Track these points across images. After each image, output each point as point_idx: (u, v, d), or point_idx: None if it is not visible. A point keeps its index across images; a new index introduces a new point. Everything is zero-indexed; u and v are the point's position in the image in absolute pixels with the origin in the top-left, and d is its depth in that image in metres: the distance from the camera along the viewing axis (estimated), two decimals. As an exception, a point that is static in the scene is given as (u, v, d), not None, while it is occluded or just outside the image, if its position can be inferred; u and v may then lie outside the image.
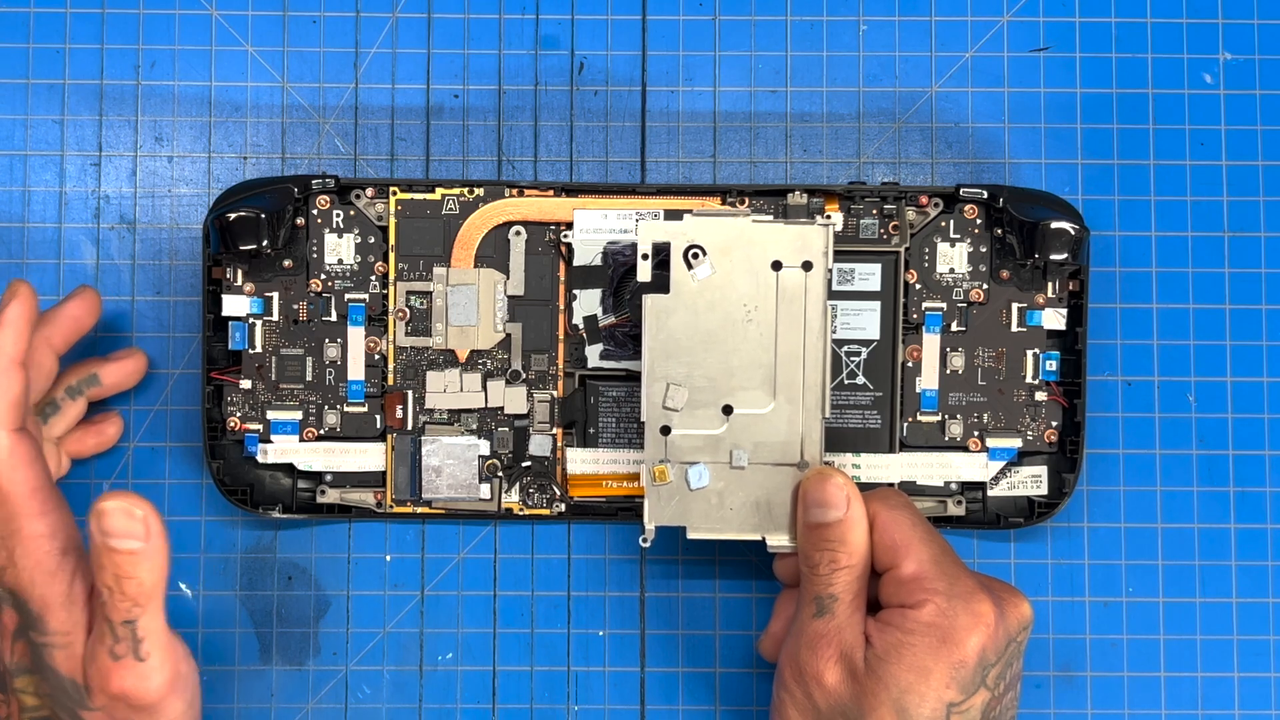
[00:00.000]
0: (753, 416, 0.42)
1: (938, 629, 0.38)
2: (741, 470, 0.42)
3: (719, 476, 0.42)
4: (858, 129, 0.48)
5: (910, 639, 0.38)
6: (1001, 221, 0.46)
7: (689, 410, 0.42)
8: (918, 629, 0.38)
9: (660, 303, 0.42)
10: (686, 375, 0.42)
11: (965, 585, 0.39)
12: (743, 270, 0.42)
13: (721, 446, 0.42)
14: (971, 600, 0.38)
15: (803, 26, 0.49)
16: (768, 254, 0.42)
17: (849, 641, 0.39)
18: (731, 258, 0.42)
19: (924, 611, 0.38)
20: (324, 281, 0.46)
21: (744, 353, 0.42)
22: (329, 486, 0.47)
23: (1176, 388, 0.48)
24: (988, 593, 0.39)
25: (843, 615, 0.39)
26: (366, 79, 0.48)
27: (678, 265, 0.42)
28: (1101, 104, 0.48)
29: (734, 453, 0.42)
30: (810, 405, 0.42)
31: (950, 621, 0.38)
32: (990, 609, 0.38)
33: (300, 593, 0.48)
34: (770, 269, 0.42)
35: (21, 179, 0.48)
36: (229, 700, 0.47)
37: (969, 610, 0.38)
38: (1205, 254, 0.48)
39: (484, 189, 0.46)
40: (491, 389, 0.46)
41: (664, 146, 0.48)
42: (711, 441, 0.42)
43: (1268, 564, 0.48)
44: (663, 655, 0.48)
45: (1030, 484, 0.47)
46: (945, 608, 0.38)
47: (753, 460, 0.42)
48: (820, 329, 0.42)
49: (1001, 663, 0.39)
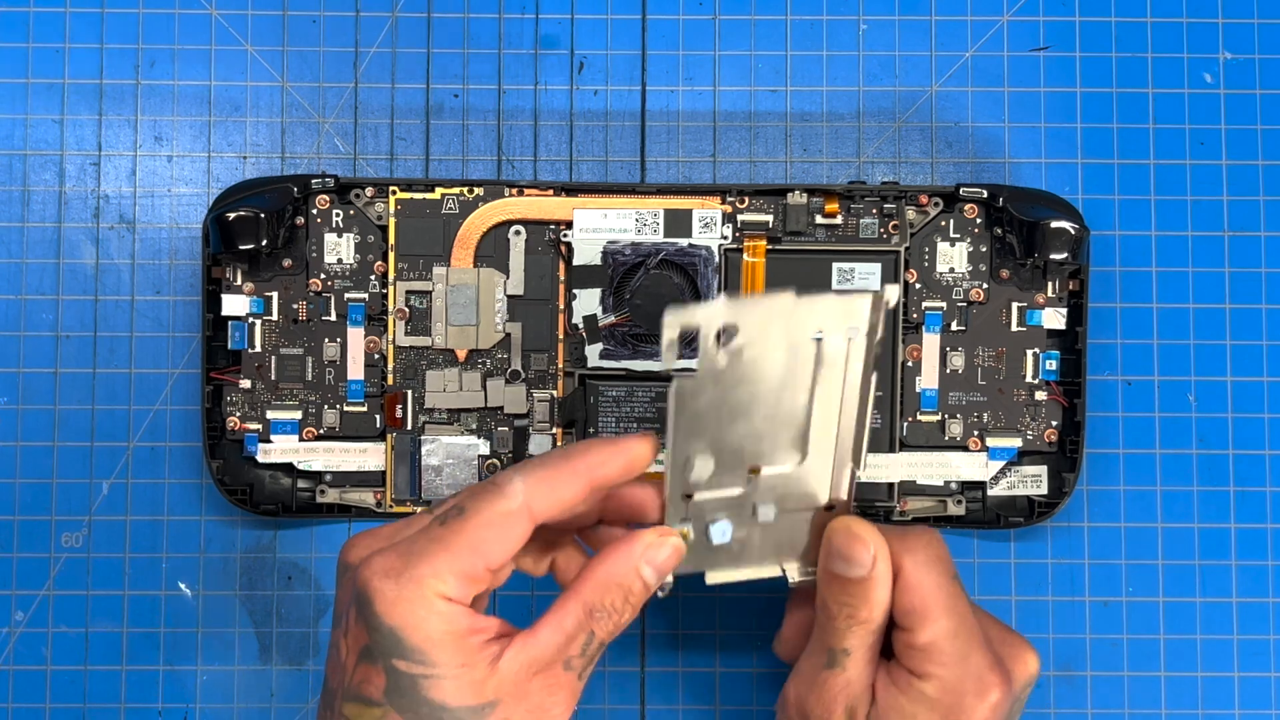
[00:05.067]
0: (780, 474, 0.38)
1: (941, 706, 0.37)
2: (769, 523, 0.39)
3: (740, 526, 0.39)
4: (858, 128, 0.48)
5: (913, 709, 0.37)
6: (1001, 221, 0.46)
7: (715, 476, 0.38)
8: (921, 700, 0.37)
9: (686, 386, 0.36)
10: (712, 448, 0.38)
11: (976, 662, 0.37)
12: (779, 343, 0.37)
13: (745, 504, 0.39)
14: (981, 679, 0.37)
15: (803, 26, 0.49)
16: (808, 326, 0.37)
17: (856, 695, 0.38)
18: (768, 333, 0.37)
19: (929, 686, 0.37)
20: (323, 281, 0.46)
21: (775, 419, 0.38)
22: (329, 486, 0.47)
23: (1176, 387, 0.48)
24: (998, 669, 0.37)
25: (853, 670, 0.38)
26: (366, 78, 0.48)
27: (706, 348, 0.36)
28: (1101, 104, 0.48)
29: (759, 509, 0.39)
30: (841, 449, 0.38)
31: (956, 699, 0.37)
32: (998, 689, 0.37)
33: (300, 593, 0.48)
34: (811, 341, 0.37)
35: (21, 179, 0.48)
36: (229, 700, 0.47)
37: (976, 690, 0.37)
38: (1205, 254, 0.48)
39: (484, 188, 0.46)
40: (491, 388, 0.46)
41: (664, 146, 0.48)
42: (735, 501, 0.39)
43: (1268, 564, 0.48)
44: (663, 655, 0.48)
45: (1030, 484, 0.47)
46: (952, 685, 0.37)
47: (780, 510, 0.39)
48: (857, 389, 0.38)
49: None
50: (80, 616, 0.47)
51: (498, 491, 0.35)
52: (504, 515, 0.35)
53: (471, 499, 0.35)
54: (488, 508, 0.35)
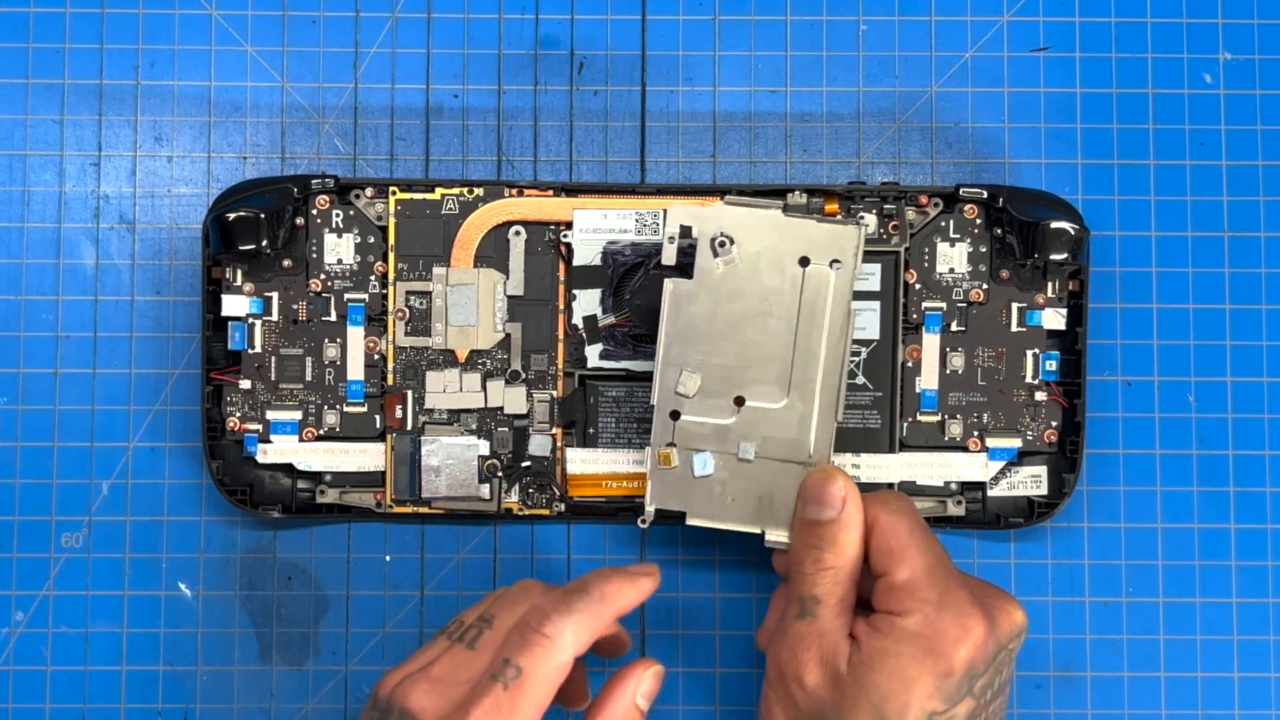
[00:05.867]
0: (764, 411, 0.42)
1: (924, 639, 0.38)
2: (747, 463, 0.42)
3: (724, 467, 0.42)
4: (858, 129, 0.48)
5: (896, 647, 0.38)
6: (1001, 221, 0.46)
7: (701, 398, 0.42)
8: (904, 638, 0.38)
9: (682, 288, 0.42)
10: (702, 362, 0.42)
11: (956, 596, 0.38)
12: (769, 262, 0.41)
13: (730, 437, 0.42)
14: (961, 612, 0.38)
15: (803, 26, 0.49)
16: (796, 249, 0.41)
17: (830, 645, 0.39)
18: (759, 249, 0.41)
19: (911, 621, 0.38)
20: (323, 281, 0.46)
21: (762, 346, 0.42)
22: (329, 486, 0.47)
23: (1176, 388, 0.48)
24: (979, 605, 0.38)
25: (825, 619, 0.39)
26: (366, 79, 0.48)
27: (704, 251, 0.41)
28: (1101, 104, 0.48)
29: (741, 444, 0.42)
30: (824, 406, 0.42)
31: (938, 633, 0.38)
32: (980, 622, 0.38)
33: (300, 593, 0.48)
34: (798, 264, 0.41)
35: (21, 179, 0.48)
36: (229, 700, 0.47)
37: (958, 623, 0.38)
38: (1205, 254, 0.48)
39: (484, 189, 0.46)
40: (491, 389, 0.46)
41: (664, 146, 0.48)
42: (720, 431, 0.42)
43: (1268, 564, 0.48)
44: (663, 655, 0.48)
45: (1030, 484, 0.47)
46: (933, 618, 0.38)
47: (759, 454, 0.42)
48: (842, 329, 0.41)
49: (990, 671, 0.38)
50: (80, 616, 0.47)
51: (550, 645, 0.37)
52: (559, 670, 0.37)
53: (525, 654, 0.37)
54: (542, 665, 0.37)
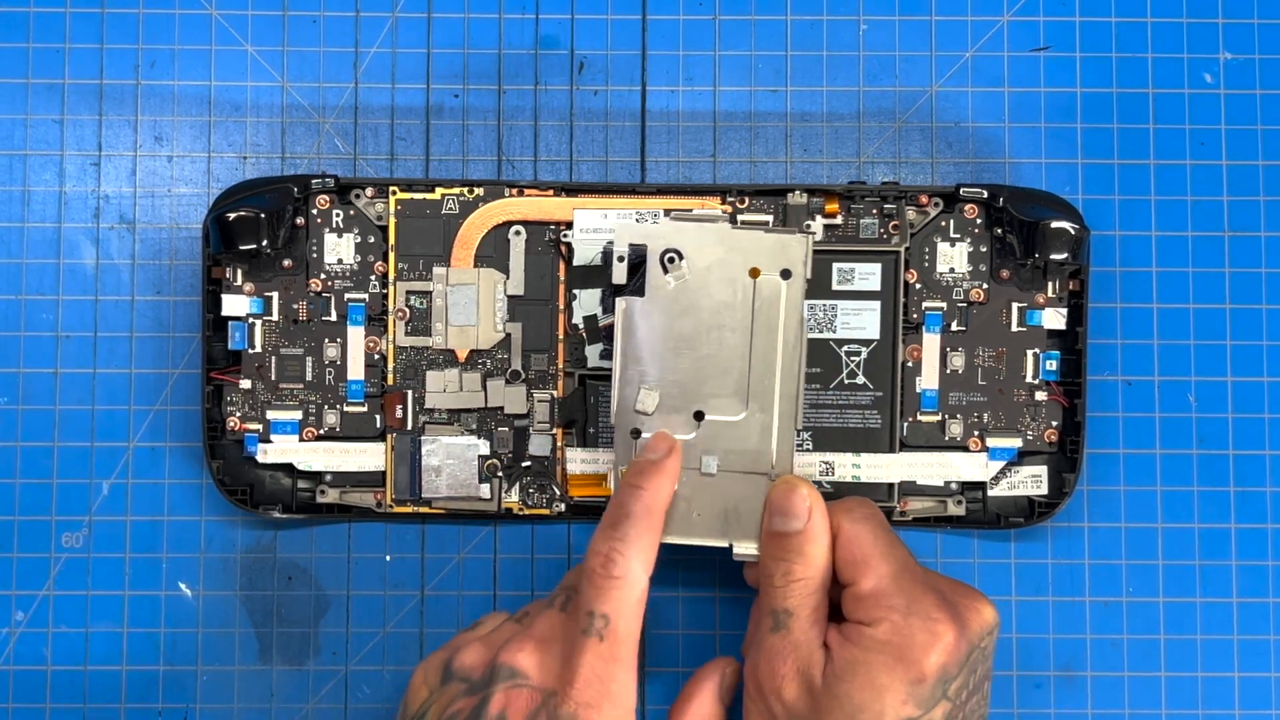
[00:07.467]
0: (724, 424, 0.41)
1: (893, 648, 0.37)
2: (711, 477, 0.41)
3: (688, 482, 0.41)
4: (858, 129, 0.48)
5: (867, 657, 0.38)
6: (1001, 221, 0.46)
7: (660, 414, 0.41)
8: (874, 647, 0.38)
9: (634, 305, 0.41)
10: (658, 379, 0.41)
11: (924, 602, 0.38)
12: (720, 276, 0.41)
13: (692, 452, 0.41)
14: (929, 618, 0.38)
15: (803, 26, 0.49)
16: (746, 260, 0.41)
17: (805, 657, 0.39)
18: (709, 262, 0.41)
19: (880, 630, 0.38)
20: (324, 281, 0.46)
21: (717, 359, 0.41)
22: (329, 486, 0.47)
23: (1176, 388, 0.48)
24: (947, 607, 0.38)
25: (799, 631, 0.39)
26: (366, 79, 0.48)
27: (654, 268, 0.41)
28: (1101, 104, 0.48)
29: (703, 459, 0.41)
30: (784, 415, 0.41)
31: (907, 640, 0.37)
32: (949, 626, 0.38)
33: (300, 593, 0.48)
34: (748, 276, 0.41)
35: (21, 179, 0.48)
36: (229, 700, 0.47)
37: (926, 628, 0.38)
38: (1205, 254, 0.48)
39: (484, 189, 0.46)
40: (491, 389, 0.46)
41: (664, 146, 0.48)
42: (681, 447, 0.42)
43: (1268, 564, 0.48)
44: (663, 655, 0.48)
45: (1030, 484, 0.47)
46: (901, 626, 0.38)
47: (722, 468, 0.41)
48: (796, 339, 0.41)
49: (964, 672, 0.38)
50: (80, 616, 0.47)
51: (624, 584, 0.38)
52: (641, 602, 0.38)
53: (606, 602, 0.38)
54: (625, 605, 0.38)
